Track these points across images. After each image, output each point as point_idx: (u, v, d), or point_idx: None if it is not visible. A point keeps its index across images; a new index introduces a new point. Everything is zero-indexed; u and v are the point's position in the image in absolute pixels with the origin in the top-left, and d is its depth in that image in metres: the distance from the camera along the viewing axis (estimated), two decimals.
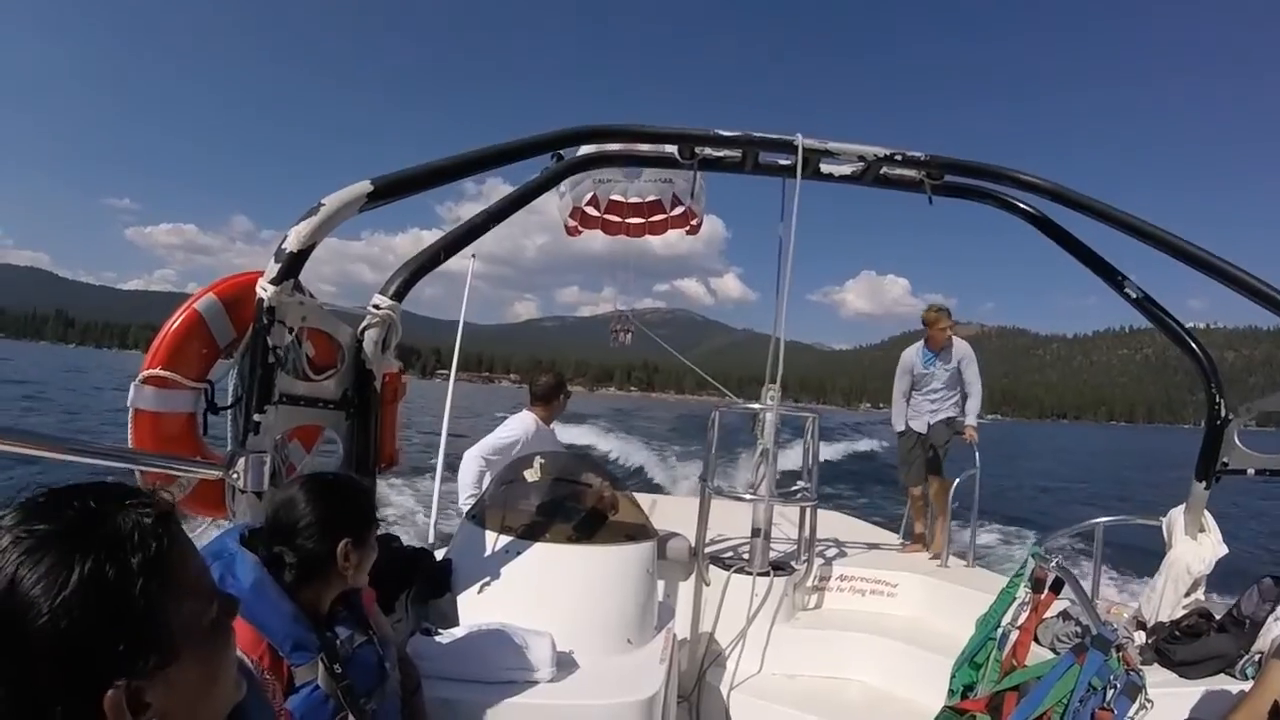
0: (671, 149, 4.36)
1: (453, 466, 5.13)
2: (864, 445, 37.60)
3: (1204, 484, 4.45)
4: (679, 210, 8.49)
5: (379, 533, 2.23)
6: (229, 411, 2.87)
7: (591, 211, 8.50)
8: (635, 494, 4.40)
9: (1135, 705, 2.73)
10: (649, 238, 8.92)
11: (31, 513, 0.83)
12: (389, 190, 2.91)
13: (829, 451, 32.21)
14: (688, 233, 8.92)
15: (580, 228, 8.65)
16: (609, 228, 8.66)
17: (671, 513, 5.87)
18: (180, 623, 0.88)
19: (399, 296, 3.18)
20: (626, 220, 8.59)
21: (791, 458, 6.01)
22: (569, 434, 28.41)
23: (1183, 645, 4.05)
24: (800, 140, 4.14)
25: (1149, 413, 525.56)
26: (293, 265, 2.63)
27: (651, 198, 8.45)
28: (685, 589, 4.86)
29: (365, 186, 2.82)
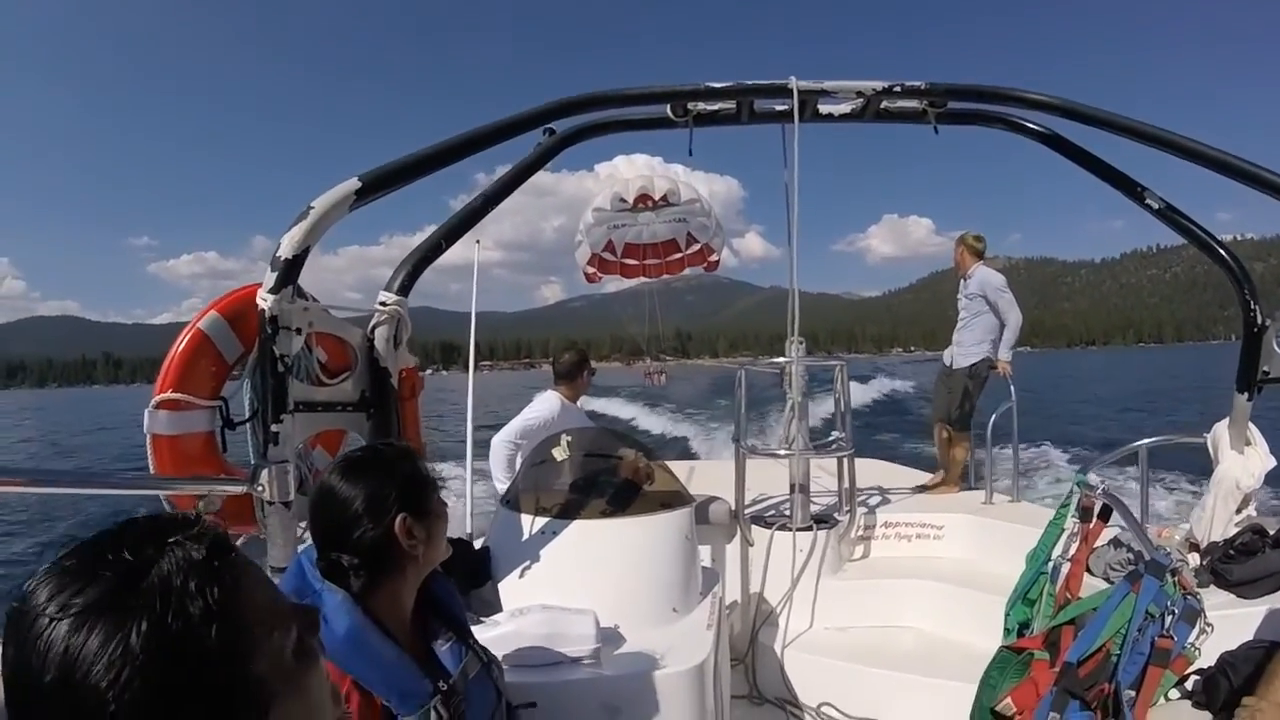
0: (665, 109, 4.28)
1: (484, 455, 5.11)
2: (894, 386, 37.68)
3: (1246, 395, 4.34)
4: (695, 248, 8.52)
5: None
6: (247, 426, 2.85)
7: (608, 256, 8.53)
8: (672, 462, 4.36)
9: (1195, 630, 2.67)
10: (666, 276, 8.98)
11: (64, 582, 0.70)
12: (377, 185, 2.86)
13: (861, 396, 32.23)
14: (706, 269, 8.94)
15: (599, 274, 8.70)
16: (627, 271, 8.71)
17: (711, 477, 5.84)
18: (266, 664, 0.76)
19: (404, 290, 3.14)
20: (644, 262, 8.64)
21: (826, 407, 5.97)
22: (604, 407, 28.50)
23: (1238, 564, 3.94)
24: (795, 83, 4.04)
25: (1178, 332, 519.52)
26: (289, 272, 2.59)
27: (666, 238, 8.47)
28: (730, 552, 4.83)
29: (353, 184, 2.77)
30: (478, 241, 5.25)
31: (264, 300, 2.58)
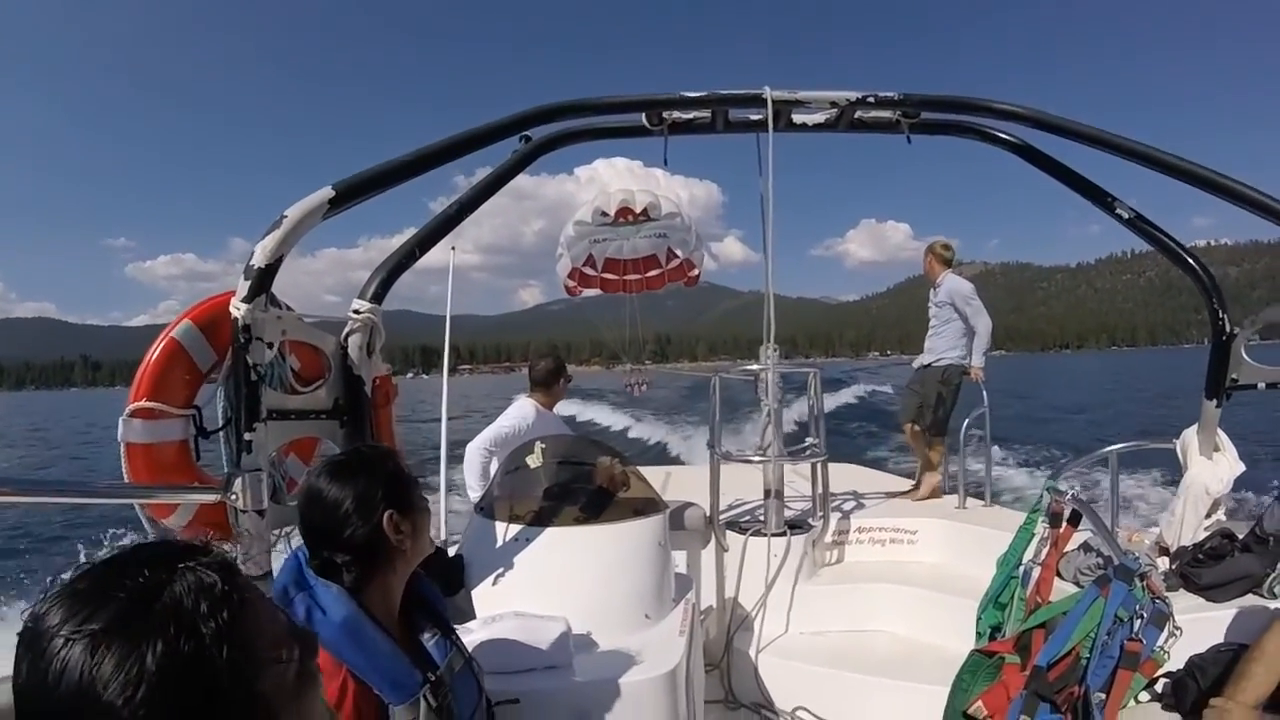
0: (640, 117, 4.30)
1: (457, 460, 5.11)
2: (868, 389, 38.01)
3: (1215, 401, 4.41)
4: (675, 263, 8.55)
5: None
6: (220, 434, 2.84)
7: (589, 271, 8.55)
8: (650, 468, 4.37)
9: (1164, 633, 2.71)
10: (648, 291, 9.00)
11: (77, 603, 0.72)
12: (351, 193, 2.86)
13: (837, 401, 32.47)
14: (686, 284, 8.98)
15: (580, 287, 8.71)
16: (607, 286, 8.73)
17: (687, 482, 5.87)
18: (270, 685, 0.80)
19: (378, 298, 3.13)
20: (624, 277, 8.66)
21: (801, 411, 6.01)
22: (582, 412, 28.41)
23: (1207, 568, 4.00)
24: (769, 93, 4.08)
25: (1151, 336, 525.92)
26: (263, 280, 2.59)
27: (647, 253, 8.49)
28: (705, 558, 4.86)
29: (327, 193, 2.76)
30: (453, 247, 5.26)
31: (237, 309, 2.57)
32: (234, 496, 2.63)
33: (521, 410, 5.11)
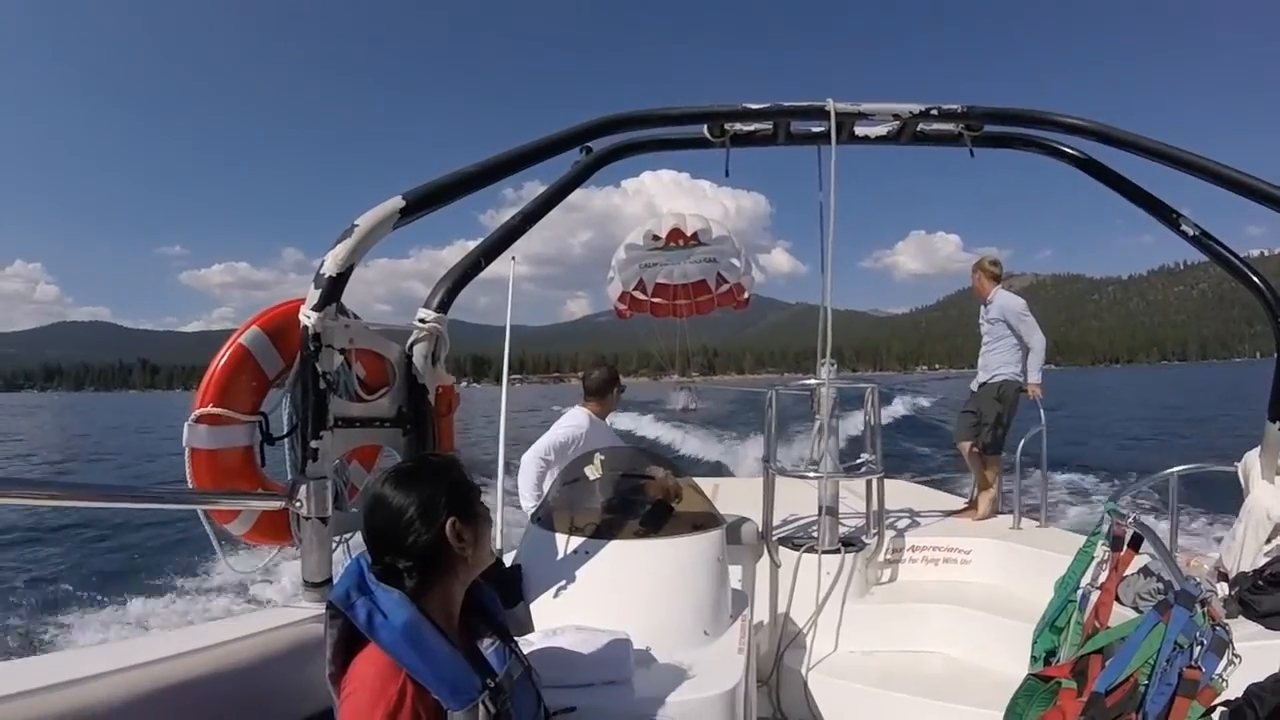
0: (702, 129, 4.29)
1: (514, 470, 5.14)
2: (918, 403, 37.68)
3: (1278, 425, 4.30)
4: (725, 288, 8.56)
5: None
6: (285, 441, 2.87)
7: (639, 295, 8.59)
8: (699, 479, 4.37)
9: (1223, 661, 2.64)
10: (696, 315, 9.03)
11: None
12: (421, 204, 2.89)
13: (889, 414, 32.23)
14: (736, 309, 8.99)
15: (630, 310, 8.75)
16: (657, 310, 8.78)
17: (737, 495, 5.84)
18: None
19: (443, 308, 3.15)
20: (674, 302, 8.70)
21: (854, 424, 5.96)
22: (630, 423, 28.46)
23: (1267, 595, 3.89)
24: (832, 105, 4.05)
25: (1202, 349, 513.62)
26: (333, 289, 2.62)
27: (696, 278, 8.52)
28: (758, 572, 4.83)
29: (397, 202, 2.80)
30: (514, 258, 5.30)
31: (307, 317, 2.60)
32: (299, 504, 2.67)
33: (576, 419, 5.12)
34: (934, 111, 4.10)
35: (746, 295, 8.82)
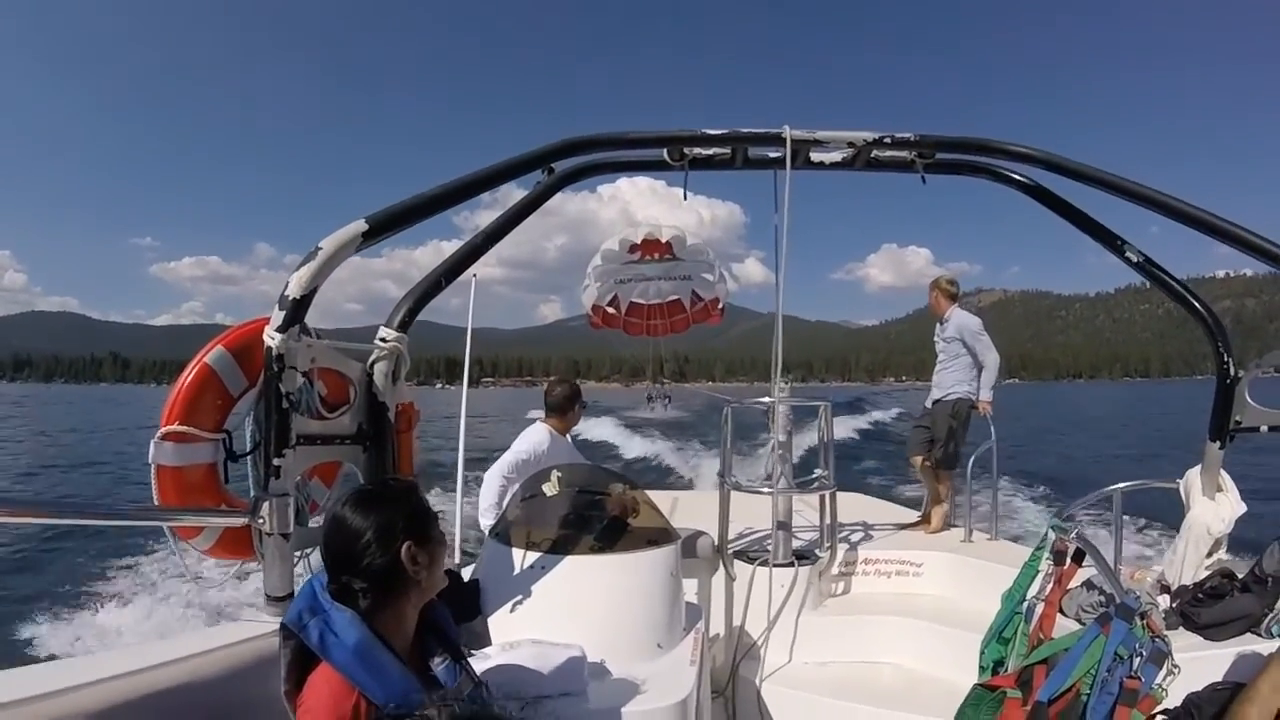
0: (662, 152, 4.37)
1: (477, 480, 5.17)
2: (880, 416, 37.99)
3: (1218, 443, 4.47)
4: (699, 305, 8.60)
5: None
6: (249, 458, 2.92)
7: (612, 311, 8.61)
8: (659, 492, 4.42)
9: (1162, 671, 2.76)
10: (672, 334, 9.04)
11: None
12: (384, 226, 2.94)
13: (851, 425, 32.48)
14: (709, 323, 9.04)
15: (602, 324, 8.76)
16: (630, 328, 8.80)
17: (696, 508, 5.91)
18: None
19: (404, 328, 3.21)
20: (648, 321, 8.71)
21: (811, 438, 6.04)
22: (595, 431, 28.38)
23: (1206, 608, 4.06)
24: (788, 132, 4.14)
25: (1165, 367, 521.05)
26: (297, 311, 2.67)
27: (672, 298, 8.56)
28: (714, 585, 4.90)
29: (360, 226, 2.85)
30: (475, 275, 5.35)
31: (271, 338, 2.65)
32: (261, 520, 2.72)
33: (537, 435, 5.15)
34: (887, 140, 4.21)
35: (720, 308, 8.87)
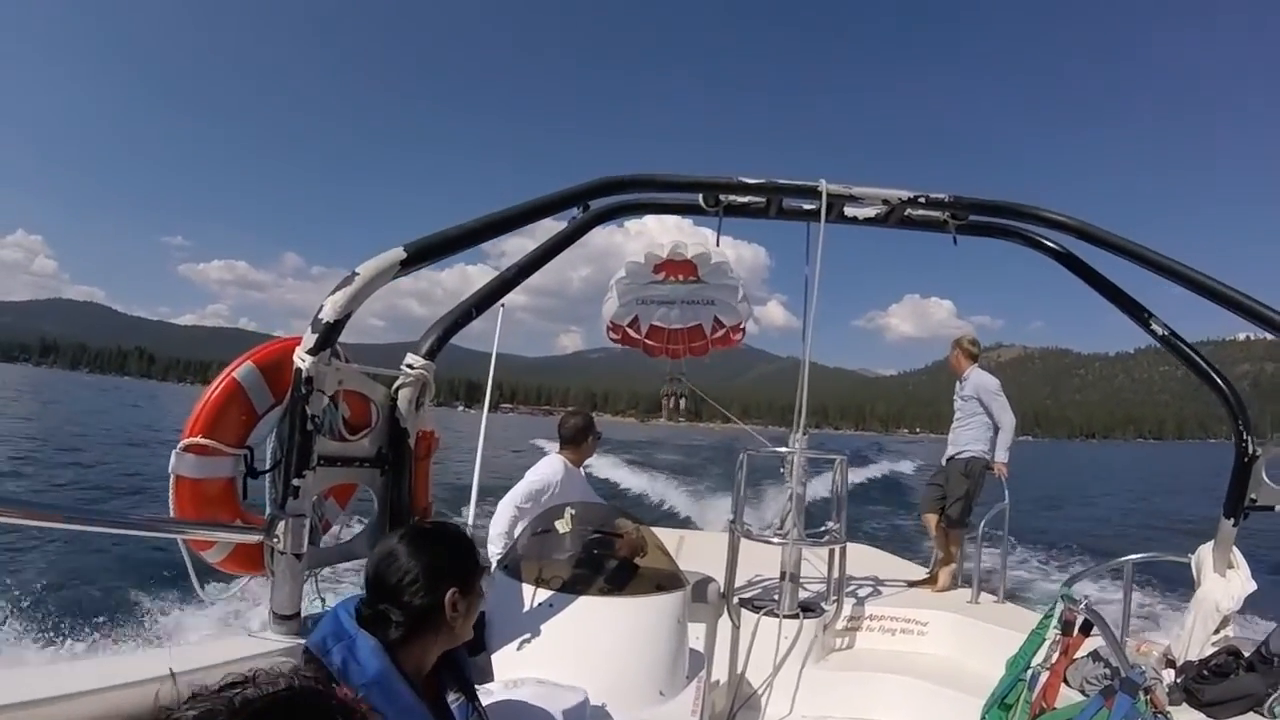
0: (697, 197, 4.40)
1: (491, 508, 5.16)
2: (894, 467, 37.83)
3: (1232, 521, 4.43)
4: (720, 333, 8.59)
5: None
6: (268, 476, 2.93)
7: (633, 333, 8.60)
8: (666, 530, 4.38)
9: None
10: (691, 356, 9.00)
11: None
12: (421, 255, 2.98)
13: (862, 474, 32.38)
14: (730, 346, 9.02)
15: (622, 342, 8.76)
16: (650, 351, 8.78)
17: (701, 550, 5.88)
18: None
19: (432, 355, 3.23)
20: (668, 345, 8.71)
21: (824, 485, 6.01)
22: (604, 468, 28.26)
23: (1211, 685, 4.02)
24: (824, 186, 4.16)
25: (1179, 429, 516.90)
26: (329, 335, 2.69)
27: (692, 323, 8.56)
28: (717, 631, 4.87)
29: (398, 254, 2.88)
30: (502, 304, 5.37)
31: (302, 360, 2.67)
32: (276, 539, 2.73)
33: (551, 466, 5.13)
34: (921, 199, 4.23)
35: (741, 331, 8.81)
